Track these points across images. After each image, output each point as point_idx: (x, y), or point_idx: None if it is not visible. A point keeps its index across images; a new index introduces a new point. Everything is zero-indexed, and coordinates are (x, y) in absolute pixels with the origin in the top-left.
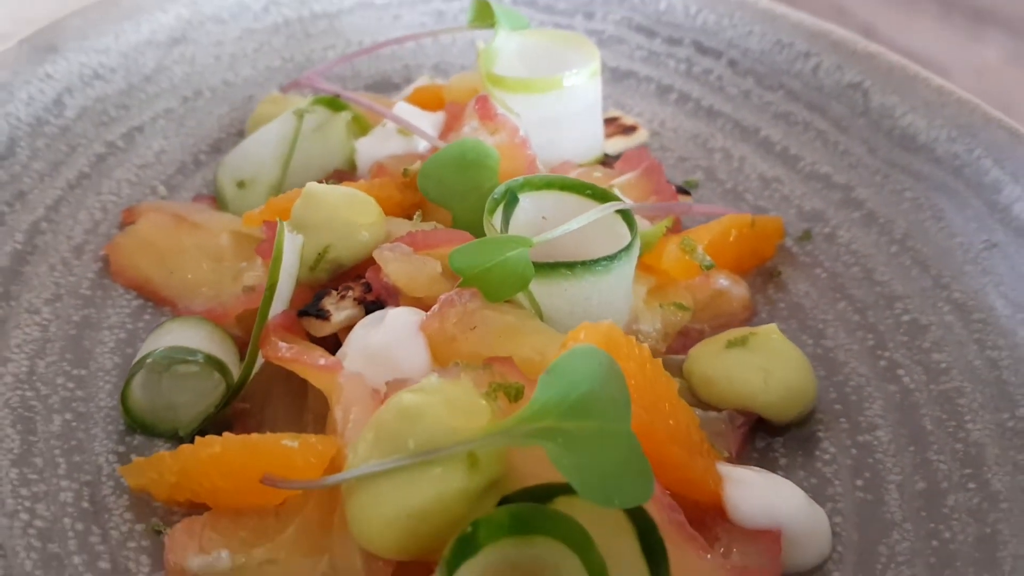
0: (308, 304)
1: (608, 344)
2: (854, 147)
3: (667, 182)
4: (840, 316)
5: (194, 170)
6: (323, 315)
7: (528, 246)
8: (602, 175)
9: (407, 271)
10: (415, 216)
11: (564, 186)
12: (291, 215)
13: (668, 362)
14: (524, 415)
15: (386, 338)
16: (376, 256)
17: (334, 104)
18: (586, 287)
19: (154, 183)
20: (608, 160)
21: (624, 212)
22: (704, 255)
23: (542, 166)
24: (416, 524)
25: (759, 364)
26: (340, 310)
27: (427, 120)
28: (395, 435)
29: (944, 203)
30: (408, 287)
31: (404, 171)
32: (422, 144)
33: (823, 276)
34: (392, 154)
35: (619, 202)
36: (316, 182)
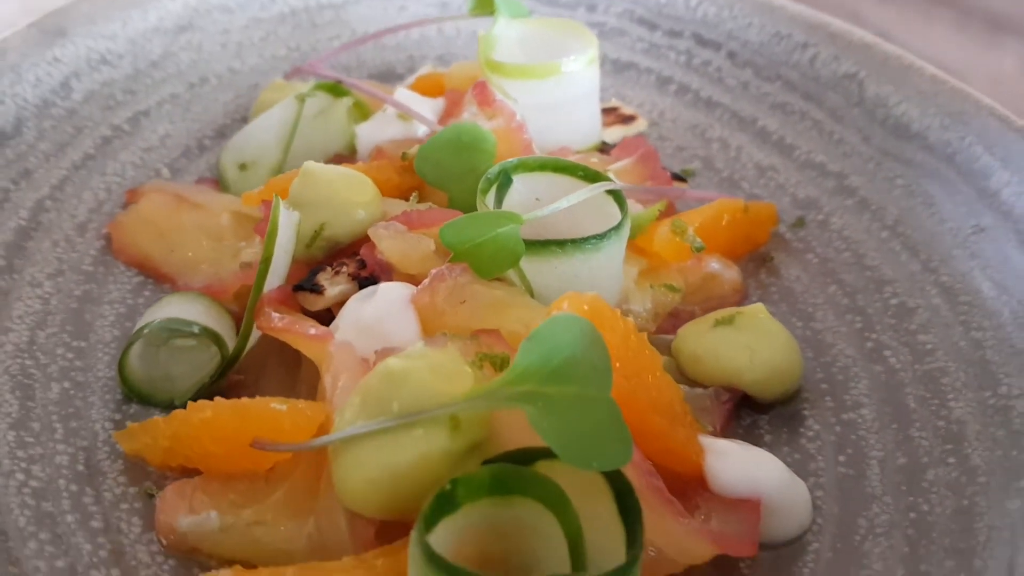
0: (303, 279)
1: (591, 314)
2: (849, 136)
3: (662, 169)
4: (830, 300)
5: (198, 154)
6: (317, 289)
7: (519, 223)
8: (599, 161)
9: (400, 248)
10: (411, 197)
11: (557, 167)
12: (289, 193)
13: (657, 341)
14: (505, 379)
15: (377, 311)
16: (371, 233)
17: (336, 90)
18: (576, 265)
19: (158, 166)
20: (606, 148)
21: (615, 193)
22: (694, 237)
23: (539, 151)
24: (398, 484)
25: (745, 342)
26: (334, 285)
27: (427, 106)
28: (380, 398)
29: (935, 189)
30: (401, 264)
31: (403, 155)
32: (421, 129)
33: (815, 261)
34: (392, 138)
35: (609, 182)
36: None
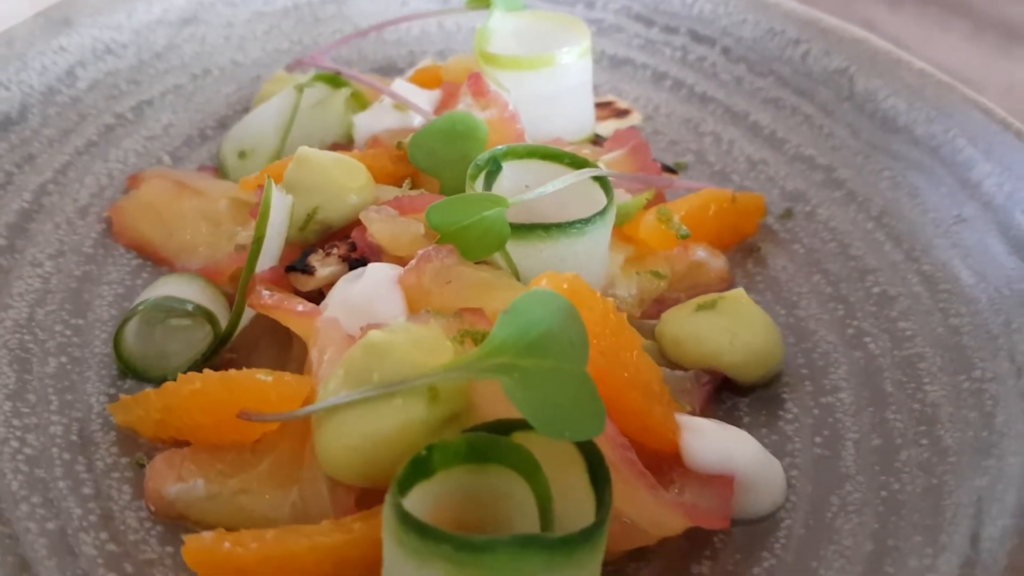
0: (295, 260)
1: (570, 293)
2: (838, 130)
3: (653, 160)
4: (814, 288)
5: (200, 144)
6: (308, 270)
7: (504, 206)
8: (591, 152)
9: (390, 231)
10: (404, 184)
11: (546, 155)
12: (284, 178)
13: (641, 326)
14: (482, 351)
15: (365, 290)
16: (362, 217)
17: (334, 81)
18: (561, 249)
19: (160, 154)
20: (599, 140)
21: (602, 180)
22: (680, 224)
23: (532, 142)
24: (378, 452)
25: (726, 326)
26: (325, 266)
27: (424, 97)
28: (362, 369)
29: (920, 181)
30: (391, 246)
31: (398, 144)
32: (417, 119)
33: (801, 251)
34: (388, 128)
35: (595, 168)
36: None
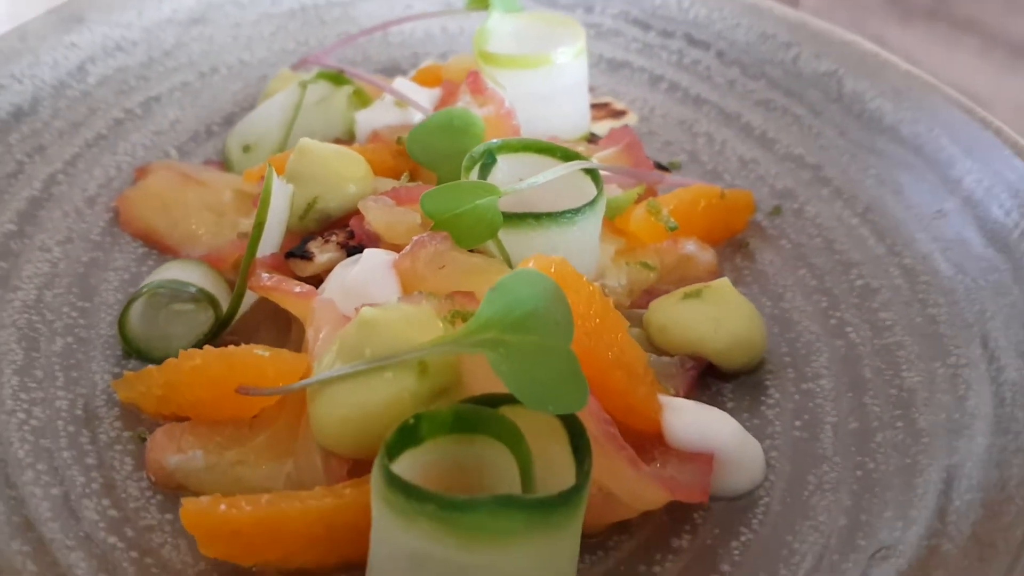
0: (295, 247)
1: (557, 276)
2: (827, 130)
3: (646, 157)
4: (799, 281)
5: (206, 139)
6: (307, 256)
7: (497, 195)
8: (586, 150)
9: (387, 219)
10: (402, 176)
11: (539, 149)
12: (285, 169)
13: (630, 314)
14: (469, 328)
15: (361, 274)
16: (360, 206)
17: (337, 79)
18: (552, 237)
19: (167, 148)
20: (594, 139)
21: (592, 173)
22: (668, 217)
23: None
24: (369, 423)
25: (711, 314)
26: (323, 252)
27: (424, 95)
28: (355, 344)
29: (904, 178)
30: (387, 234)
31: (398, 139)
32: (417, 116)
33: (788, 247)
34: (388, 124)
35: (585, 161)
36: None
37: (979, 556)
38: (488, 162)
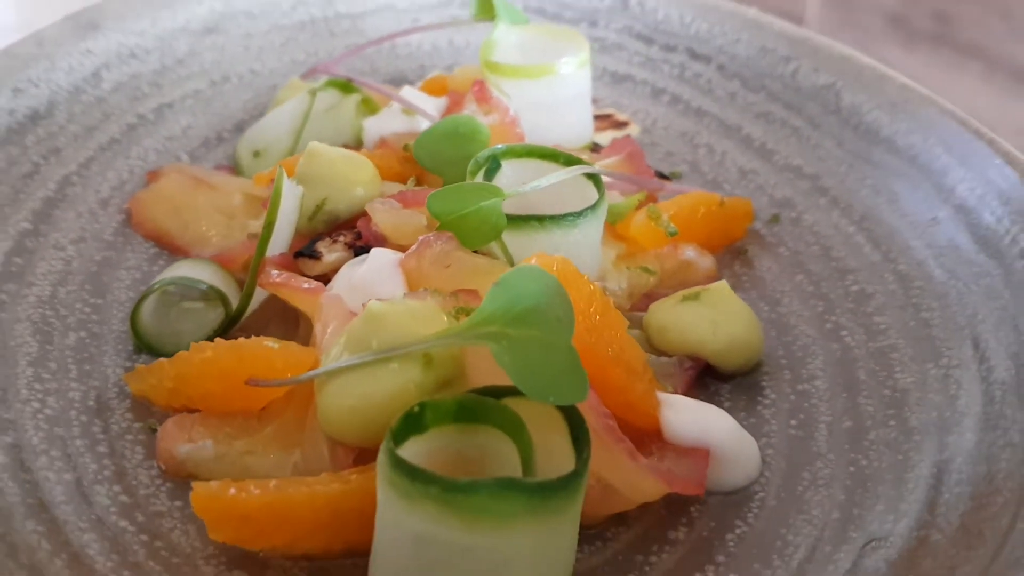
0: (304, 247)
1: (559, 274)
2: (825, 142)
3: (648, 167)
4: (796, 287)
5: (216, 145)
6: (316, 255)
7: (501, 197)
8: (589, 158)
9: (394, 221)
10: (409, 181)
11: (543, 155)
12: (295, 171)
13: (630, 317)
14: (472, 321)
15: (368, 272)
16: (367, 207)
17: (346, 87)
18: (555, 239)
19: (179, 153)
20: (597, 148)
21: (594, 177)
22: (668, 222)
23: None
24: (375, 413)
25: (709, 316)
26: (331, 252)
27: (431, 103)
28: (362, 337)
29: (899, 187)
30: (393, 235)
31: (405, 146)
32: (424, 124)
33: (786, 254)
34: (395, 132)
35: (587, 165)
36: None
37: (967, 545)
38: (493, 166)
